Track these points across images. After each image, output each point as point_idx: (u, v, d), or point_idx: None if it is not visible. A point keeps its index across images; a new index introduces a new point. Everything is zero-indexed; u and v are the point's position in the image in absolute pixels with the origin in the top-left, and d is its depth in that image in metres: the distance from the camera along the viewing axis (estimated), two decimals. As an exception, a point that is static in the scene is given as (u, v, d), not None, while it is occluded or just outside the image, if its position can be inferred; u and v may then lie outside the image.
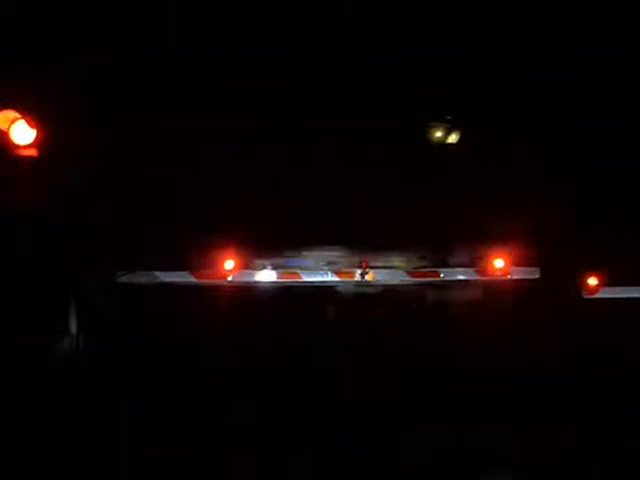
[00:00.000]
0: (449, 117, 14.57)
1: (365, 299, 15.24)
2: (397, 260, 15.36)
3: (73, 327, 14.04)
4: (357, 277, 15.28)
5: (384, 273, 15.34)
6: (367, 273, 15.18)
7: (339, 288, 15.39)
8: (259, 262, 15.16)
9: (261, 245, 14.84)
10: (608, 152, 13.88)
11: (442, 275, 15.52)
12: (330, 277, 15.31)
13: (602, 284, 15.40)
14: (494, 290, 15.35)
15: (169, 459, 12.42)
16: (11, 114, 9.98)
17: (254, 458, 12.62)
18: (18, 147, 10.00)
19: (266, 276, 15.25)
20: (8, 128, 9.94)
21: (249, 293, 15.10)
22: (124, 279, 14.43)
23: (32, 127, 9.97)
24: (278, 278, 15.25)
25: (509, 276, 15.40)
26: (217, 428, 12.95)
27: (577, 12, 11.75)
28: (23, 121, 9.96)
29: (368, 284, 15.32)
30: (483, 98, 13.35)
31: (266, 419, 13.32)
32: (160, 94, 12.45)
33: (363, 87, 13.10)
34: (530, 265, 15.36)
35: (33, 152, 10.07)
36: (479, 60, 12.68)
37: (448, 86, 13.21)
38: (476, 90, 13.20)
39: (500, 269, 15.33)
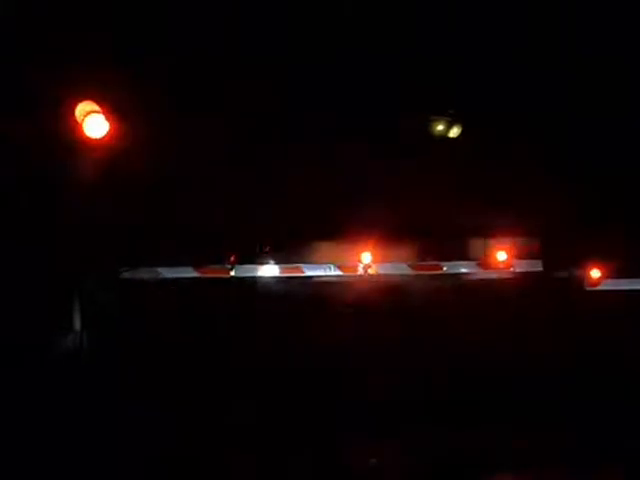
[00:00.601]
0: (451, 111, 14.52)
1: (367, 294, 15.19)
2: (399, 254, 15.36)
3: (76, 324, 14.07)
4: (360, 271, 15.25)
5: (387, 267, 15.32)
6: (370, 267, 15.18)
7: (341, 282, 15.36)
8: (261, 257, 15.18)
9: (263, 240, 14.86)
10: (610, 145, 13.85)
11: (444, 268, 15.50)
12: (333, 271, 15.30)
13: (605, 276, 15.40)
14: (497, 283, 15.34)
15: (169, 459, 12.48)
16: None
17: (254, 458, 12.67)
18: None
19: (269, 271, 15.26)
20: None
21: (252, 288, 15.11)
22: (127, 275, 14.47)
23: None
24: (281, 273, 15.26)
25: (512, 269, 15.38)
26: (217, 428, 13.01)
27: (577, 12, 11.69)
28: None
29: (371, 278, 15.30)
30: (485, 94, 13.33)
31: (266, 419, 13.37)
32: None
33: (364, 84, 13.08)
34: (533, 258, 15.35)
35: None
36: (479, 59, 12.64)
37: (451, 83, 13.18)
38: (479, 87, 13.17)
39: (503, 262, 15.32)
